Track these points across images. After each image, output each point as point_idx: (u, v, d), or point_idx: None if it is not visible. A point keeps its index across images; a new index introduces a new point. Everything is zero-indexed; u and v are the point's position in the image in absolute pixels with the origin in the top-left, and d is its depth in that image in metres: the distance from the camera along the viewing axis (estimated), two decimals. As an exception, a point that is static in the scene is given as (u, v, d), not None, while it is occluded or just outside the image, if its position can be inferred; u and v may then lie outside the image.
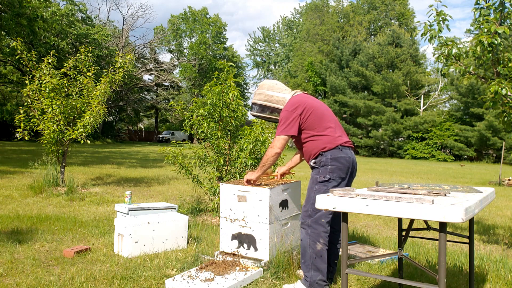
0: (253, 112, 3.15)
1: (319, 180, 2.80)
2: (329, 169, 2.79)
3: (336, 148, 2.83)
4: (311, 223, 2.77)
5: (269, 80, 3.21)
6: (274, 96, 3.06)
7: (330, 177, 2.79)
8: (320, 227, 2.75)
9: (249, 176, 3.13)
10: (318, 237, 2.74)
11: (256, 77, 58.12)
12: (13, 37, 15.87)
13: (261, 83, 3.20)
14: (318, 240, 2.74)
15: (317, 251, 2.72)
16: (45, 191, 6.58)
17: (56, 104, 6.68)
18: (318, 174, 2.82)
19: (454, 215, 1.63)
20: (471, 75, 4.28)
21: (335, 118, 3.00)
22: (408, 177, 13.10)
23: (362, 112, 33.08)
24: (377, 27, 41.30)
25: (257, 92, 3.15)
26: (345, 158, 2.83)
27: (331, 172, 2.79)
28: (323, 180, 2.79)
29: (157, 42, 39.93)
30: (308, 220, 2.78)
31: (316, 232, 2.74)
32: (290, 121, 2.88)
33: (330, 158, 2.80)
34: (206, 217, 5.09)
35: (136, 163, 13.72)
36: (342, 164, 2.82)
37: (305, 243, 2.78)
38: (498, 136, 27.19)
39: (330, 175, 2.79)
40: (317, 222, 2.76)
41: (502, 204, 7.47)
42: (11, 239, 3.78)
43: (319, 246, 2.73)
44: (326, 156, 2.82)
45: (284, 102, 3.03)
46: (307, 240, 2.77)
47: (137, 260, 3.30)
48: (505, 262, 3.52)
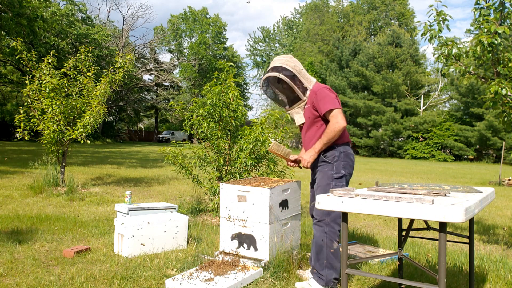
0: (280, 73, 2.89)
1: (335, 177, 2.78)
2: (342, 164, 2.81)
3: (347, 144, 2.87)
4: (329, 221, 2.72)
5: None
6: (304, 71, 2.97)
7: (344, 172, 2.80)
8: (336, 226, 2.73)
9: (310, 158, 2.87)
10: (335, 235, 2.73)
11: (256, 77, 58.18)
12: (13, 37, 15.87)
13: (288, 55, 3.04)
14: (335, 239, 2.72)
15: (334, 250, 2.71)
16: (45, 191, 6.58)
17: (56, 104, 6.67)
18: (333, 170, 2.80)
19: (454, 215, 1.63)
20: (471, 75, 4.28)
21: None
22: (408, 177, 13.10)
23: (362, 112, 33.08)
24: (377, 27, 41.30)
25: (284, 58, 2.96)
26: (352, 155, 2.90)
27: (344, 168, 2.81)
28: (339, 176, 2.79)
29: (157, 42, 39.93)
30: (327, 219, 2.72)
31: (333, 231, 2.72)
32: (334, 97, 2.82)
33: (343, 153, 2.83)
34: (206, 217, 5.09)
35: (136, 163, 13.71)
36: (351, 160, 2.88)
37: (321, 242, 2.73)
38: (498, 136, 27.19)
39: (344, 170, 2.81)
40: (335, 221, 2.73)
41: (502, 204, 7.47)
42: (11, 239, 3.78)
43: (335, 244, 2.72)
44: (339, 150, 2.83)
45: (310, 81, 2.96)
46: (324, 238, 2.72)
47: (137, 260, 3.30)
48: (505, 262, 3.52)
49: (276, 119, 5.03)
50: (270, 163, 4.95)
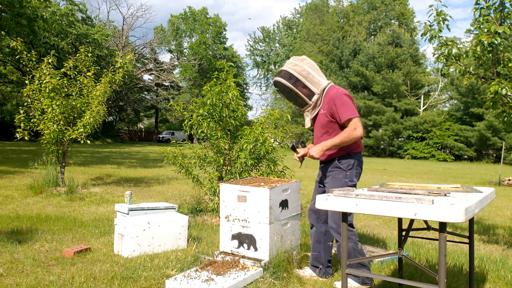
0: (283, 79, 2.88)
1: (349, 185, 2.85)
2: (355, 173, 2.90)
3: (360, 153, 2.94)
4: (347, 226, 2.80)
5: (311, 60, 3.00)
6: (312, 74, 2.88)
7: (356, 181, 2.91)
8: (353, 228, 2.87)
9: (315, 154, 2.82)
10: (356, 237, 2.85)
11: (256, 77, 58.18)
12: (13, 37, 15.87)
13: (301, 57, 3.00)
14: (357, 240, 2.85)
15: (359, 250, 2.82)
16: (45, 191, 6.58)
17: (56, 104, 6.67)
18: (347, 178, 2.86)
19: (454, 215, 1.63)
20: (471, 75, 4.28)
21: None
22: (408, 177, 13.09)
23: (362, 112, 33.06)
24: (377, 27, 41.30)
25: (294, 62, 2.92)
26: (362, 163, 3.00)
27: (356, 176, 2.90)
28: (352, 185, 2.87)
29: (157, 42, 39.93)
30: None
31: (353, 233, 2.85)
32: (352, 104, 2.80)
33: (357, 161, 2.90)
34: (206, 217, 5.09)
35: (136, 163, 13.71)
36: (361, 169, 2.98)
37: (349, 247, 2.81)
38: (498, 136, 27.19)
39: (356, 178, 2.91)
40: (351, 225, 2.87)
41: (502, 204, 7.47)
42: (11, 239, 3.78)
43: (359, 245, 2.84)
44: (355, 158, 2.89)
45: (318, 85, 2.88)
46: (349, 244, 2.81)
47: (137, 260, 3.30)
48: (505, 262, 3.51)
49: (276, 119, 5.03)
50: (270, 163, 4.95)
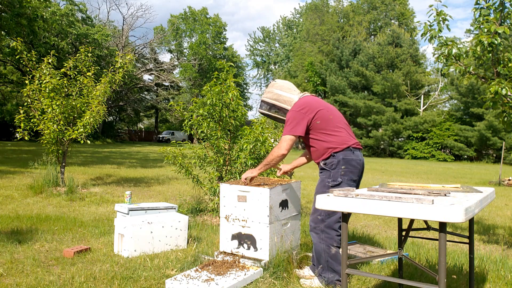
0: (261, 109, 3.14)
1: (330, 185, 2.77)
2: (341, 171, 2.78)
3: (347, 150, 2.82)
4: (324, 228, 2.76)
5: (281, 80, 3.17)
6: (283, 95, 3.04)
7: (341, 180, 2.78)
8: (333, 232, 2.76)
9: (249, 174, 3.09)
10: (332, 241, 2.76)
11: (256, 77, 58.19)
12: (13, 37, 15.85)
13: (272, 81, 3.17)
14: (332, 244, 2.75)
15: (332, 255, 2.75)
16: (45, 191, 6.58)
17: (56, 104, 6.67)
18: (330, 178, 2.80)
19: (454, 215, 1.63)
20: (471, 75, 4.28)
21: (344, 120, 2.99)
22: (408, 177, 13.09)
23: (362, 112, 33.08)
24: (377, 27, 41.29)
25: (267, 90, 3.13)
26: (356, 160, 2.83)
27: (343, 175, 2.78)
28: (335, 185, 2.77)
29: (157, 42, 39.94)
30: (321, 225, 2.77)
31: (329, 237, 2.76)
32: (297, 121, 2.84)
33: (343, 160, 2.79)
34: (206, 217, 5.09)
35: (136, 163, 13.71)
36: (354, 166, 2.82)
37: (319, 248, 2.79)
38: (498, 136, 27.18)
39: (342, 178, 2.78)
40: (330, 227, 2.76)
41: (502, 204, 7.47)
42: (11, 239, 3.78)
43: (334, 249, 2.75)
44: (338, 157, 2.80)
45: (291, 103, 3.01)
46: (321, 245, 2.77)
47: (137, 260, 3.30)
48: (505, 262, 3.51)
49: (276, 119, 5.02)
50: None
